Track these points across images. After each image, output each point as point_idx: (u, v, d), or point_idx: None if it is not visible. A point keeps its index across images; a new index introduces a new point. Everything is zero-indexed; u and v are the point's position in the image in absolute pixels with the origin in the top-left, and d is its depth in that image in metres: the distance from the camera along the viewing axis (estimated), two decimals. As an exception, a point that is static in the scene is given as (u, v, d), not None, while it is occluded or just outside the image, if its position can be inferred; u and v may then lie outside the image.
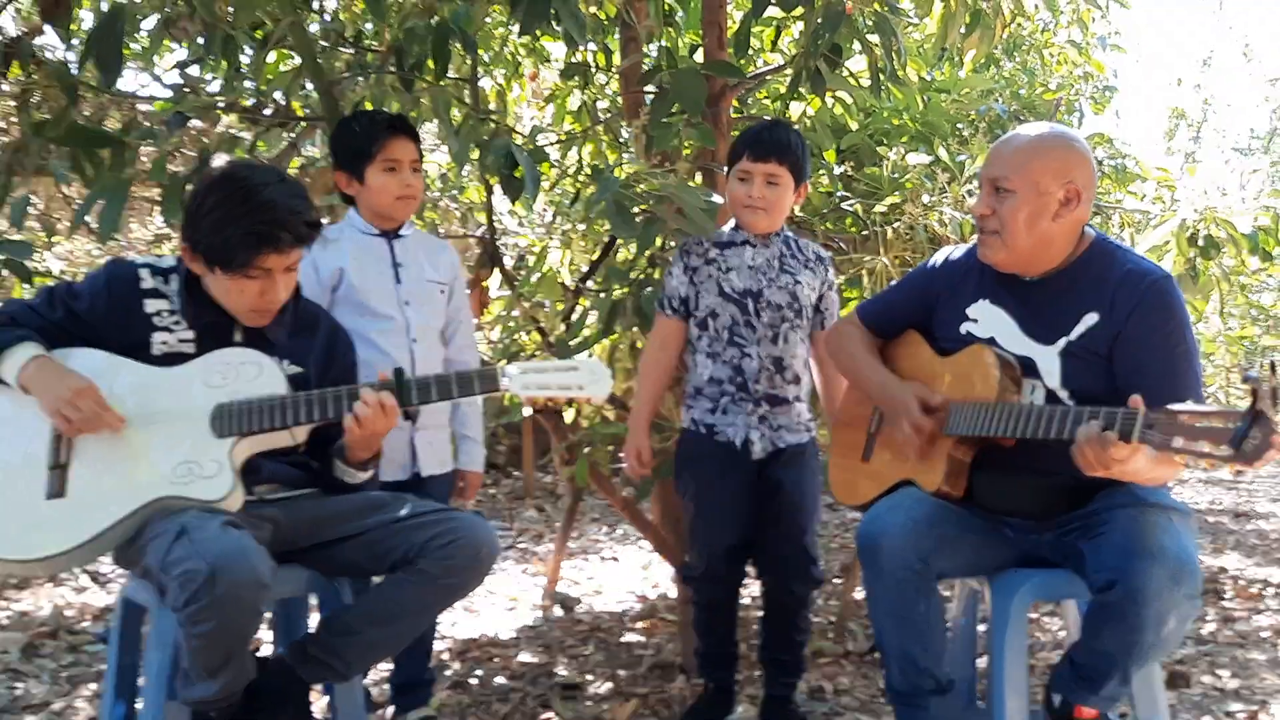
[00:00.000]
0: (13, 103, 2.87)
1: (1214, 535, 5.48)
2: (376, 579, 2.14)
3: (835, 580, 4.19)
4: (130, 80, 4.54)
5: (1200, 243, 3.19)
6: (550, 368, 2.04)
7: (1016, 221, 2.06)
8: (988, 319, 2.17)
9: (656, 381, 2.65)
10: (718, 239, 2.61)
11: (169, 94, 3.19)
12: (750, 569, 2.66)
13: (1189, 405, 1.71)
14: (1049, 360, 2.08)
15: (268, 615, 2.47)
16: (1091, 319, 2.06)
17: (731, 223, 2.63)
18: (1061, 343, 2.08)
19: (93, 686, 2.92)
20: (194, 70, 3.40)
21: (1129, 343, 2.02)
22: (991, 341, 2.14)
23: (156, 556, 1.82)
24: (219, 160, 2.09)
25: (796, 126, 3.49)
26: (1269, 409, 1.60)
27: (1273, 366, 1.64)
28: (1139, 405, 1.76)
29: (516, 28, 2.68)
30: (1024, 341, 2.12)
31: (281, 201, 1.98)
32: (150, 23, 3.21)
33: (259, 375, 2.05)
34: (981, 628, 2.40)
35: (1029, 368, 2.10)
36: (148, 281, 2.09)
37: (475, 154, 2.78)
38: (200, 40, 2.85)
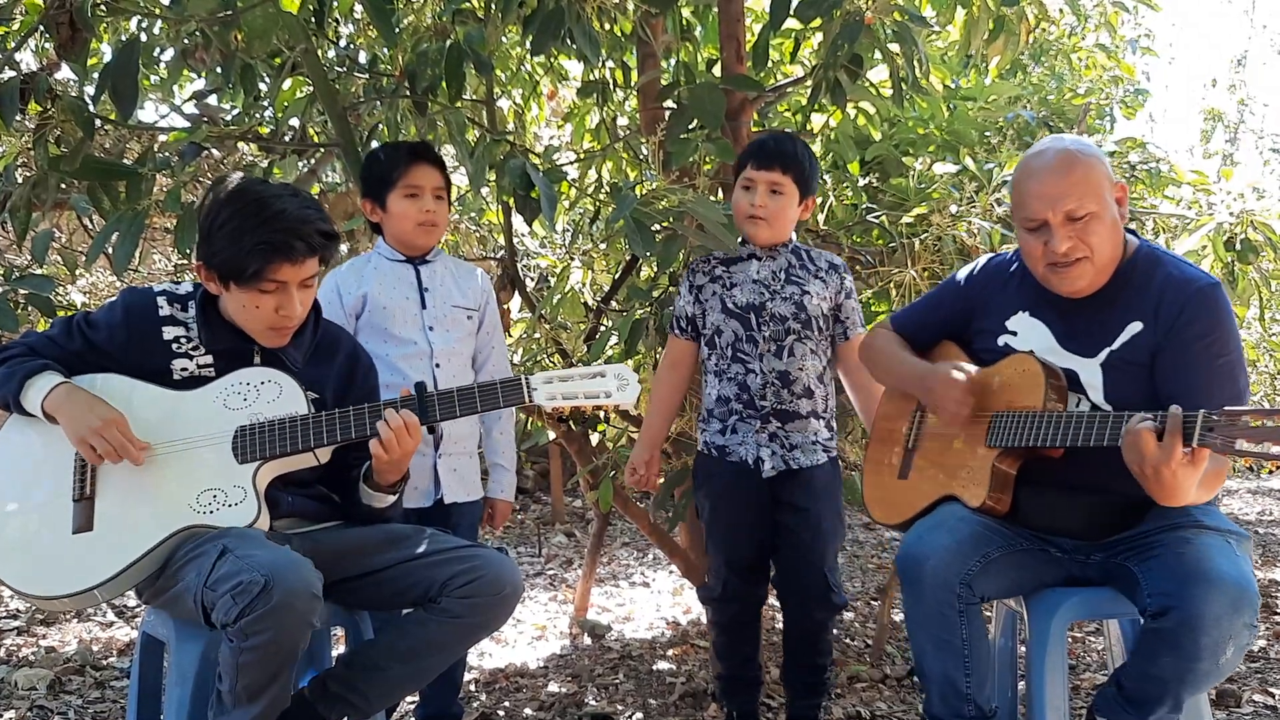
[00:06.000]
0: (29, 138, 2.87)
1: (1265, 547, 5.33)
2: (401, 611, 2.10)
3: (872, 601, 4.10)
4: (151, 112, 4.58)
5: (1237, 247, 3.10)
6: (576, 375, 2.01)
7: (1104, 240, 1.99)
8: (1026, 332, 2.11)
9: (664, 401, 2.64)
10: (725, 255, 2.57)
11: (188, 124, 3.20)
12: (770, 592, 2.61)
13: (1250, 407, 1.66)
14: (1091, 373, 2.02)
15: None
16: (1136, 328, 1.99)
17: (740, 237, 2.58)
18: (1104, 354, 2.01)
19: (119, 722, 2.90)
20: (213, 99, 3.41)
21: (1171, 351, 1.95)
22: (1032, 354, 2.08)
23: (197, 577, 1.80)
24: (233, 179, 2.06)
25: (816, 139, 3.45)
26: None
27: None
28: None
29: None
30: (1064, 355, 2.06)
31: (294, 211, 1.96)
32: (169, 54, 3.22)
33: (279, 395, 2.03)
34: (1022, 649, 2.32)
35: (1072, 381, 2.03)
36: (165, 309, 2.07)
37: (491, 175, 2.75)
38: (218, 70, 2.85)
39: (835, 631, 3.65)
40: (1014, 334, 2.12)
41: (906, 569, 2.00)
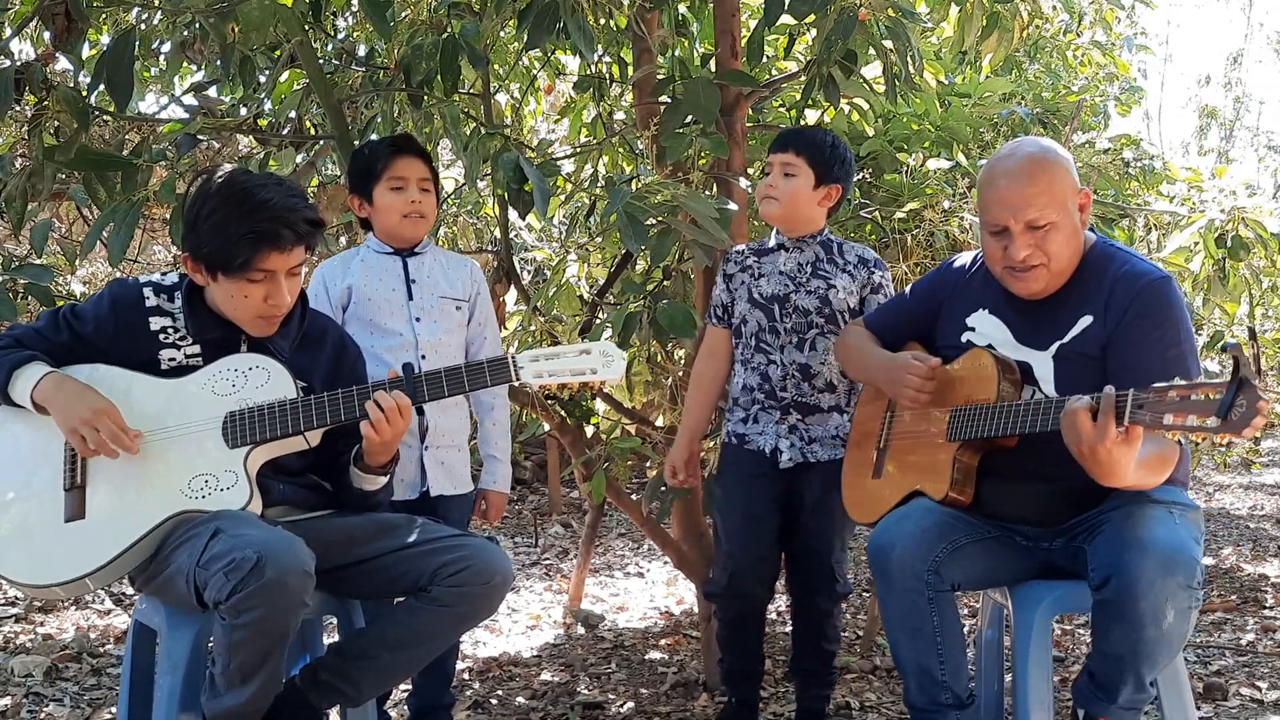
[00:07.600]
0: (26, 128, 2.89)
1: (1255, 542, 5.34)
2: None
3: (864, 593, 4.13)
4: (152, 103, 4.60)
5: (1229, 244, 3.12)
6: (562, 352, 2.02)
7: (1062, 248, 2.03)
8: (985, 328, 2.17)
9: (703, 392, 2.64)
10: (758, 246, 2.59)
11: (187, 116, 3.21)
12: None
13: (1175, 381, 1.69)
14: (1043, 365, 2.08)
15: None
16: (1086, 321, 2.04)
17: (774, 230, 2.61)
18: (1054, 346, 2.07)
19: (114, 710, 2.92)
20: (212, 91, 3.43)
21: (1121, 344, 2.00)
22: (989, 349, 2.13)
23: (189, 557, 1.82)
24: (218, 170, 2.07)
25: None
26: (1251, 376, 1.60)
27: (1251, 333, 1.64)
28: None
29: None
30: (1019, 349, 2.11)
31: (279, 200, 1.97)
32: (168, 46, 3.24)
33: (268, 380, 2.05)
34: (1008, 641, 2.34)
35: (1026, 373, 2.09)
36: (151, 299, 2.08)
37: (486, 169, 2.77)
38: (218, 62, 2.87)
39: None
40: (973, 330, 2.18)
41: (875, 559, 2.05)
